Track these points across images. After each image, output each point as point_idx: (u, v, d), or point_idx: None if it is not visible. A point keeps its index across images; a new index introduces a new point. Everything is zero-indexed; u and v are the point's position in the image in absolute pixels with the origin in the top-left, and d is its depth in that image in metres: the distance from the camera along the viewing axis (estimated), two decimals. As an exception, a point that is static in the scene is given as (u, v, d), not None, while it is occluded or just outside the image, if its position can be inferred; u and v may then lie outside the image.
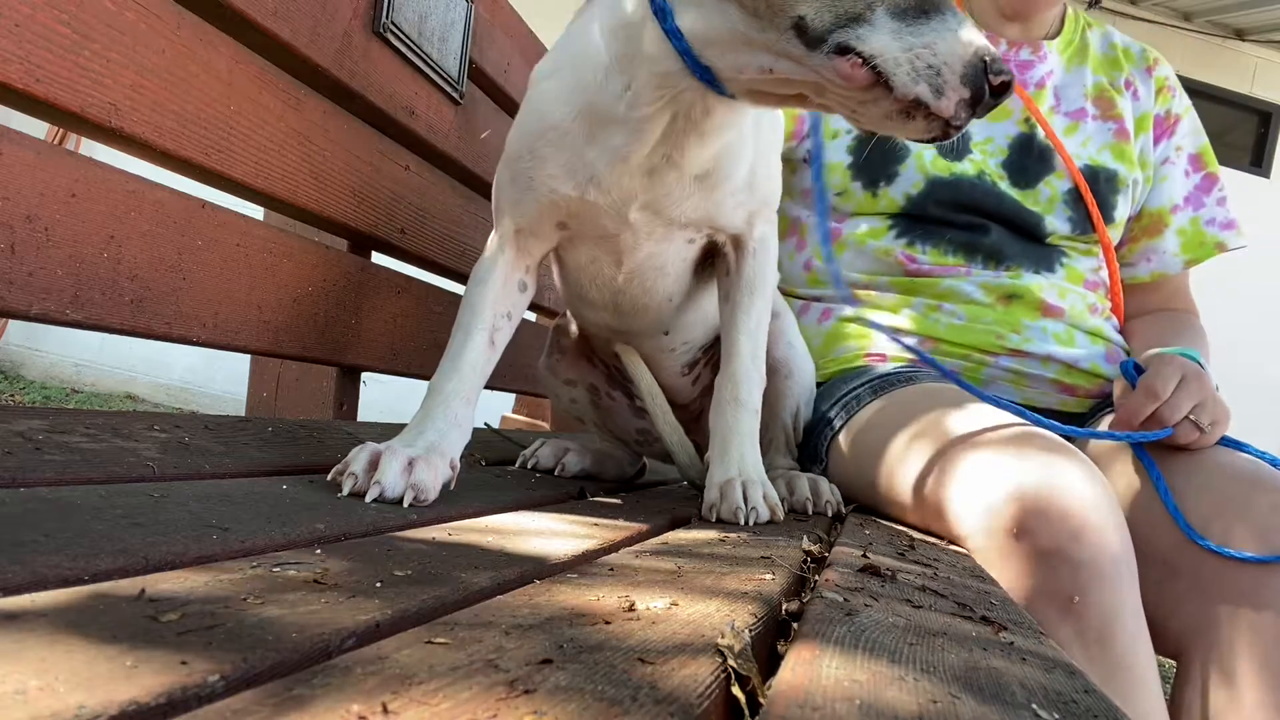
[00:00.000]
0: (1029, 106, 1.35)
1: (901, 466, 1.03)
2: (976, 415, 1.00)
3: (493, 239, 0.89)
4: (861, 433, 1.13)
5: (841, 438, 1.17)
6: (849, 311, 1.32)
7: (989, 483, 0.89)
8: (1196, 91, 5.42)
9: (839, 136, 1.33)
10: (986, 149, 1.34)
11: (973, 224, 1.29)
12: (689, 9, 0.71)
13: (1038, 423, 1.03)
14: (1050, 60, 1.39)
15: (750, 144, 0.86)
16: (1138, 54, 1.44)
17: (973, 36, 0.64)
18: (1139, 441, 1.07)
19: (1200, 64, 5.25)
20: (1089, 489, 0.86)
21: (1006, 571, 0.85)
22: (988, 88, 0.64)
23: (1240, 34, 5.27)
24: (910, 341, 1.26)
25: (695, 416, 1.14)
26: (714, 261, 0.96)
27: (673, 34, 0.72)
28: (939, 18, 0.64)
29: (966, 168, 1.31)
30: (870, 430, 1.12)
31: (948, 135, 0.66)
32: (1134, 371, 1.12)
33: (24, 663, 0.25)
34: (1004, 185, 1.31)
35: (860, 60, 0.64)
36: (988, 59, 0.64)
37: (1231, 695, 0.94)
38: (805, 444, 1.21)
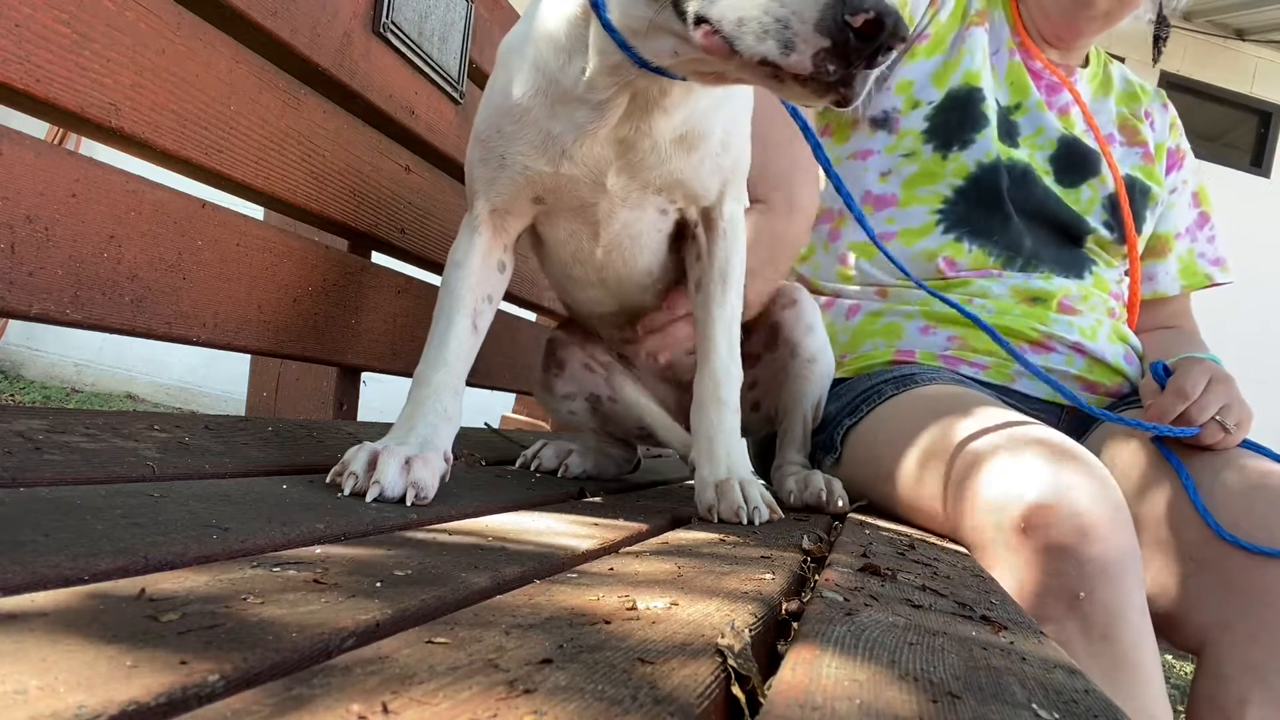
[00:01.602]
0: (1073, 95, 1.39)
1: (915, 460, 1.04)
2: (992, 414, 1.02)
3: (467, 220, 0.88)
4: (880, 425, 1.14)
5: (859, 429, 1.17)
6: (877, 307, 1.33)
7: (1000, 479, 0.90)
8: (1196, 91, 5.44)
9: (919, 106, 1.35)
10: (1035, 141, 1.38)
11: (1017, 224, 1.32)
12: (612, 1, 0.70)
13: (1071, 399, 1.07)
14: (1079, 88, 1.45)
15: (723, 104, 0.84)
16: (1153, 91, 1.53)
17: None
18: (1166, 436, 1.11)
19: (1200, 64, 5.26)
20: (1097, 488, 0.87)
21: (1013, 567, 0.86)
22: (851, 32, 0.54)
23: (1240, 34, 5.27)
24: (944, 331, 1.28)
25: None
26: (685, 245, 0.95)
27: (608, 27, 0.71)
28: None
29: (1022, 155, 1.35)
30: (888, 423, 1.13)
31: (845, 98, 0.58)
32: (1163, 373, 1.15)
33: (24, 663, 0.25)
34: (1049, 180, 1.35)
35: (710, 27, 0.59)
36: None
37: (1257, 685, 0.97)
38: (821, 432, 1.22)
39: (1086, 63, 1.48)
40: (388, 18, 1.13)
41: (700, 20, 0.60)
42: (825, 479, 1.03)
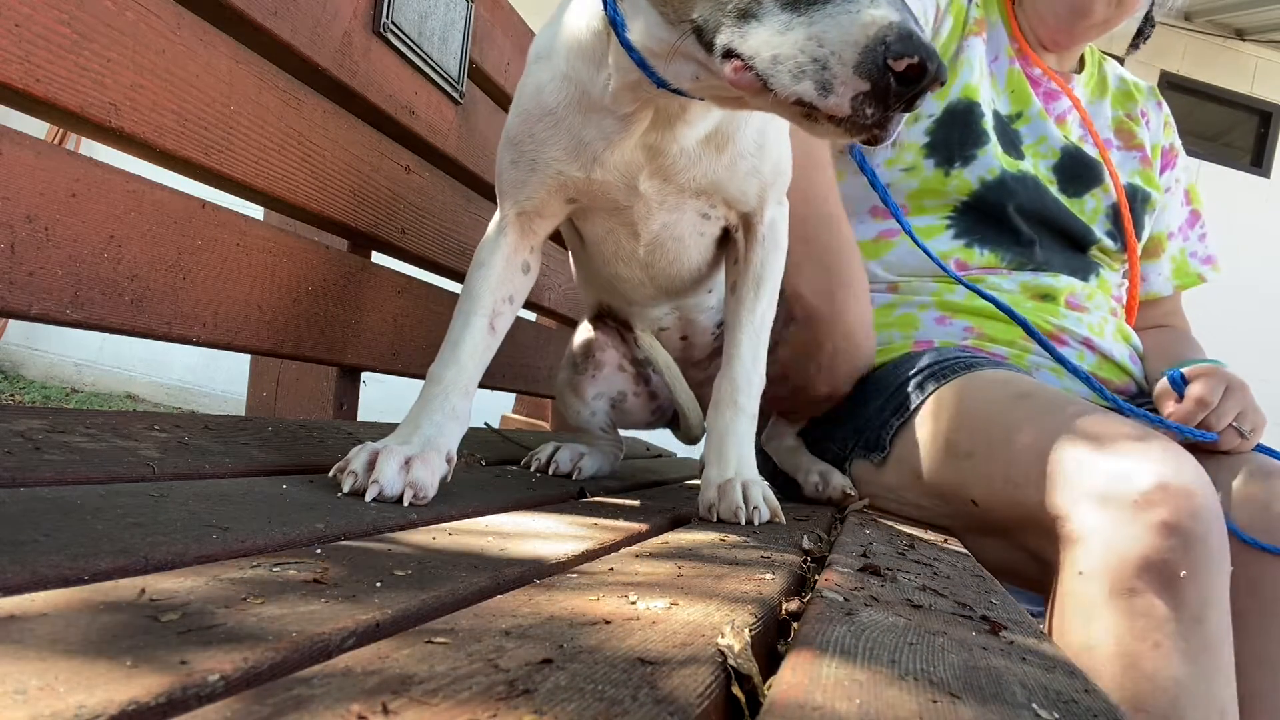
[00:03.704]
0: (1072, 101, 1.39)
1: (1003, 446, 1.04)
2: (1065, 397, 1.04)
3: (495, 220, 0.88)
4: (941, 419, 1.13)
5: (912, 425, 1.16)
6: (889, 299, 1.34)
7: (1114, 455, 0.92)
8: (1196, 91, 5.43)
9: (919, 120, 1.35)
10: (1039, 150, 1.38)
11: (1027, 234, 1.33)
12: (635, 20, 0.70)
13: (1101, 392, 1.10)
14: (1076, 93, 1.45)
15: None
16: (1146, 89, 1.53)
17: (878, 15, 0.53)
18: (1187, 438, 1.14)
19: (1200, 64, 5.25)
20: (1205, 478, 0.90)
21: (1118, 539, 0.88)
22: (892, 76, 0.53)
23: (1240, 34, 5.27)
24: (960, 321, 1.28)
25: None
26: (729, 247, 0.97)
27: (627, 46, 0.71)
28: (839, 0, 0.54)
29: (1027, 166, 1.35)
30: (954, 417, 1.12)
31: (875, 138, 0.58)
32: (1181, 381, 1.18)
33: (24, 663, 0.25)
34: (1054, 190, 1.36)
35: (742, 63, 0.58)
36: (890, 39, 0.52)
37: (1269, 679, 1.01)
38: (862, 434, 1.22)
39: (1081, 66, 1.48)
40: (388, 18, 1.13)
41: (730, 53, 0.59)
42: (841, 476, 1.08)
